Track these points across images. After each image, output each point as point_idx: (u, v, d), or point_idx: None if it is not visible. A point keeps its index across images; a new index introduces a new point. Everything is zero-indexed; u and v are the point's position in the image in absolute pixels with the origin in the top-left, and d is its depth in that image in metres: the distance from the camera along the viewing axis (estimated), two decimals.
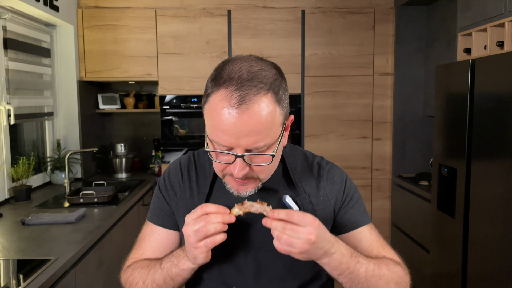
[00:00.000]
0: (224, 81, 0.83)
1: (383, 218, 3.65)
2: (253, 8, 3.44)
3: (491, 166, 2.10)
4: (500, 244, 2.02)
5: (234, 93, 0.81)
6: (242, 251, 0.98)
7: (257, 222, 0.98)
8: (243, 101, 0.81)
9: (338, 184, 1.05)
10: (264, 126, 0.83)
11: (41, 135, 3.28)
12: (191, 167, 1.08)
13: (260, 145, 0.84)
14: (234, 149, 0.85)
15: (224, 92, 0.82)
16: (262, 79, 0.83)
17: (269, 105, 0.83)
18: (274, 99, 0.84)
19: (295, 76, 3.47)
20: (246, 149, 0.85)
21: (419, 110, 3.53)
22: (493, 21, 2.26)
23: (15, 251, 1.76)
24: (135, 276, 1.01)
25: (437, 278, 2.66)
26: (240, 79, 0.82)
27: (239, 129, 0.81)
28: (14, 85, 2.70)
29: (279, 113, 0.85)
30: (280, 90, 0.86)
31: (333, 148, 3.56)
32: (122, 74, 3.43)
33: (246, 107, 0.81)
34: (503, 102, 1.99)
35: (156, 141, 3.83)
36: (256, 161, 0.88)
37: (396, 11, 3.47)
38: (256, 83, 0.82)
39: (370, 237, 1.04)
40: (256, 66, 0.85)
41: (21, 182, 2.64)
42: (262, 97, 0.82)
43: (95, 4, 3.40)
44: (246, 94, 0.81)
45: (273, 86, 0.84)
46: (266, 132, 0.84)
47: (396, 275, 0.96)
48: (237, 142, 0.83)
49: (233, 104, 0.81)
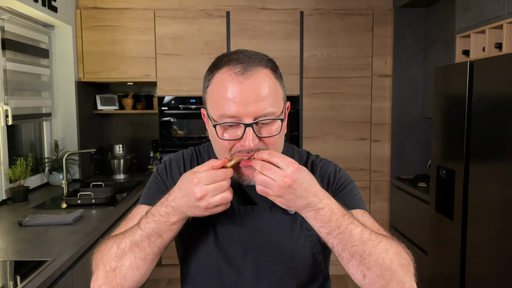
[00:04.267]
0: (224, 62, 0.89)
1: (382, 220, 3.65)
2: (252, 9, 3.45)
3: (489, 168, 2.10)
4: (498, 245, 2.02)
5: (238, 65, 0.87)
6: (241, 253, 0.98)
7: (255, 224, 0.98)
8: (247, 69, 0.86)
9: (330, 176, 1.03)
10: (270, 92, 0.87)
11: (39, 136, 3.27)
12: (193, 161, 1.07)
13: (268, 111, 0.86)
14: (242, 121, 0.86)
15: (227, 68, 0.87)
16: (260, 59, 0.90)
17: (271, 77, 0.89)
18: (274, 76, 0.90)
19: (293, 77, 3.47)
20: (255, 118, 0.86)
21: (418, 112, 3.54)
22: (491, 23, 2.27)
23: (12, 252, 1.75)
24: (108, 243, 0.91)
25: (435, 280, 2.66)
26: (239, 59, 0.88)
27: (246, 94, 0.85)
28: (12, 85, 2.70)
29: (280, 87, 0.91)
30: (277, 70, 0.92)
31: (331, 149, 3.56)
32: (120, 75, 3.43)
33: (251, 73, 0.86)
34: (502, 104, 1.99)
35: (154, 142, 3.82)
36: (265, 132, 0.88)
37: (395, 13, 3.48)
38: (255, 60, 0.89)
39: (363, 219, 0.96)
40: (251, 52, 0.92)
41: (18, 183, 2.63)
42: (263, 68, 0.88)
43: (94, 5, 3.39)
44: (249, 65, 0.87)
45: (271, 65, 0.91)
46: (272, 99, 0.87)
47: (396, 247, 0.87)
48: (245, 109, 0.85)
49: (238, 72, 0.86)
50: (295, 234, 0.98)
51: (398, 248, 0.87)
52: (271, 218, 0.98)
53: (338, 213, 0.85)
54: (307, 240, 0.98)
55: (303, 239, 0.98)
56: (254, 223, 0.98)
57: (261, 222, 0.98)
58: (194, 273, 1.00)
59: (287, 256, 0.97)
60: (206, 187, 0.82)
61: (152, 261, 0.90)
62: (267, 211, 0.98)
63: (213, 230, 0.99)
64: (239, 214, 0.98)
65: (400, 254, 0.87)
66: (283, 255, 0.97)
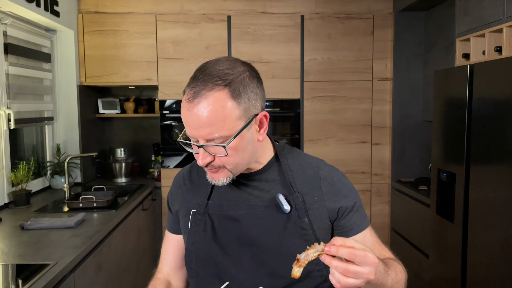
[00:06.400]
0: (188, 83, 0.94)
1: (383, 223, 3.65)
2: (253, 13, 3.46)
3: (490, 171, 2.10)
4: (499, 248, 2.02)
5: (191, 90, 0.92)
6: (236, 247, 1.02)
7: (249, 220, 1.02)
8: (195, 96, 0.90)
9: (341, 190, 1.06)
10: (215, 119, 0.90)
11: (41, 140, 3.28)
12: (193, 173, 1.16)
13: (215, 136, 0.91)
14: (198, 141, 0.93)
15: (187, 90, 0.93)
16: (222, 76, 0.91)
17: (222, 100, 0.90)
18: (230, 95, 0.90)
19: (294, 81, 3.48)
20: (207, 140, 0.92)
21: (418, 115, 3.54)
22: (491, 27, 2.28)
23: (14, 255, 1.76)
24: None
25: (436, 283, 2.66)
26: (197, 81, 0.92)
27: (194, 121, 0.91)
28: (14, 89, 2.71)
29: (234, 107, 0.91)
30: (240, 87, 0.92)
31: (332, 153, 3.57)
32: (122, 79, 3.44)
33: (197, 101, 0.90)
34: (502, 107, 1.99)
35: (155, 145, 3.84)
36: (213, 152, 0.94)
37: (395, 17, 3.49)
38: (215, 80, 0.91)
39: (371, 238, 1.07)
40: (224, 65, 0.93)
41: (20, 187, 2.64)
42: (215, 92, 0.90)
43: (96, 10, 3.41)
44: (200, 90, 0.90)
45: (232, 83, 0.91)
46: (219, 125, 0.90)
47: (402, 275, 0.99)
48: (197, 132, 0.92)
49: (188, 99, 0.91)
50: (288, 231, 1.01)
51: (404, 275, 0.99)
52: (266, 215, 1.02)
53: (384, 272, 0.89)
54: (302, 238, 1.01)
55: (298, 238, 1.01)
56: (249, 219, 1.02)
57: (256, 218, 1.02)
58: (196, 267, 1.06)
59: (280, 252, 1.00)
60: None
61: None
62: (262, 209, 1.03)
63: (211, 226, 1.05)
64: (235, 211, 1.04)
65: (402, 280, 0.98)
66: (276, 250, 1.00)
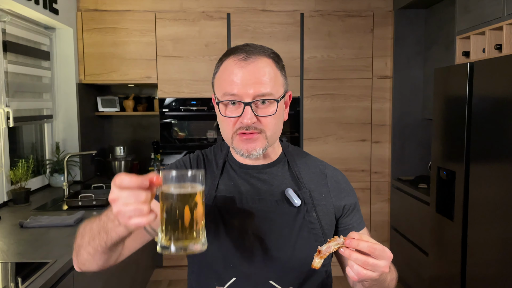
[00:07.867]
0: (232, 51, 1.00)
1: (382, 221, 3.65)
2: (252, 11, 3.45)
3: (489, 169, 2.10)
4: (499, 246, 2.02)
5: (242, 53, 0.98)
6: (248, 241, 1.01)
7: (261, 212, 1.02)
8: (249, 56, 0.97)
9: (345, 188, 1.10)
10: (269, 76, 0.97)
11: (40, 138, 3.28)
12: (200, 162, 1.12)
13: (266, 92, 0.95)
14: (242, 100, 0.95)
15: (232, 57, 0.98)
16: (264, 50, 1.00)
17: (271, 65, 0.99)
18: (275, 65, 1.00)
19: (294, 79, 3.47)
20: (256, 97, 0.95)
21: (418, 113, 3.54)
22: (491, 24, 2.27)
23: (13, 254, 1.76)
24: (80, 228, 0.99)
25: (436, 281, 2.66)
26: (245, 49, 0.99)
27: (247, 77, 0.95)
28: (13, 87, 2.71)
29: (280, 75, 1.00)
30: (280, 62, 1.02)
31: (332, 151, 3.56)
32: (121, 77, 3.43)
33: (252, 60, 0.97)
34: (502, 105, 1.99)
35: (155, 144, 3.83)
36: (262, 112, 0.97)
37: (395, 14, 3.49)
38: (259, 50, 0.99)
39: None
40: (258, 45, 1.02)
41: (20, 185, 2.63)
42: (265, 58, 0.99)
43: (95, 7, 3.40)
44: (252, 53, 0.98)
45: (273, 56, 1.01)
46: (270, 83, 0.96)
47: (396, 274, 1.02)
48: (245, 90, 0.95)
49: (241, 59, 0.97)
50: (297, 225, 1.02)
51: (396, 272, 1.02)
52: (277, 209, 1.03)
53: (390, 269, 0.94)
54: (310, 232, 1.02)
55: (306, 231, 1.02)
56: (260, 211, 1.02)
57: (267, 211, 1.02)
58: (200, 261, 1.03)
59: (290, 245, 1.00)
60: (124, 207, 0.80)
61: (102, 253, 0.93)
62: (273, 203, 1.03)
63: (221, 219, 1.02)
64: (247, 204, 1.03)
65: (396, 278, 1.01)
66: (287, 244, 1.01)
